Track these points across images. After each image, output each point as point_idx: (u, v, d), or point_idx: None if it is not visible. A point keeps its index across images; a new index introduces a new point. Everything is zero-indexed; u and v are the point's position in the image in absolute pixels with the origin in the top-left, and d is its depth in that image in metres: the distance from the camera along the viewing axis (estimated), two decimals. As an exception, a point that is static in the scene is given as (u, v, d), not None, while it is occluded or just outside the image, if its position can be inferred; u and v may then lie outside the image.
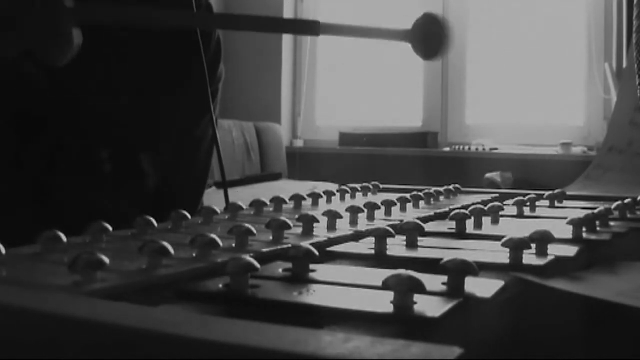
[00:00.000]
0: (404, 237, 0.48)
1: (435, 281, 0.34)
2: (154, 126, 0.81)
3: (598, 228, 0.56)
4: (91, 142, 0.76)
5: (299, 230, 0.51)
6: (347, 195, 0.82)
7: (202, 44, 0.82)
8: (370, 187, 0.89)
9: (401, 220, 0.52)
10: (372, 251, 0.46)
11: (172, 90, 0.82)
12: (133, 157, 0.79)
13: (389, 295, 0.30)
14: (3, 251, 0.38)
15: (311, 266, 0.38)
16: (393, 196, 0.69)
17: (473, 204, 0.66)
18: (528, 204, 0.72)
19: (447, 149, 2.99)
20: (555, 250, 0.45)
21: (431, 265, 0.35)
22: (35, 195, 0.73)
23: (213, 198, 0.92)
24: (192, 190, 0.89)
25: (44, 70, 0.67)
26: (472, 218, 0.59)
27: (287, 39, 3.27)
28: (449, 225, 0.57)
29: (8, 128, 0.71)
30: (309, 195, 0.74)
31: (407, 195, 0.71)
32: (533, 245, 0.44)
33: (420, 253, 0.46)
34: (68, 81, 0.63)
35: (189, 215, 0.54)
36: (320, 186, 1.67)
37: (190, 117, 0.85)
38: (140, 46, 0.77)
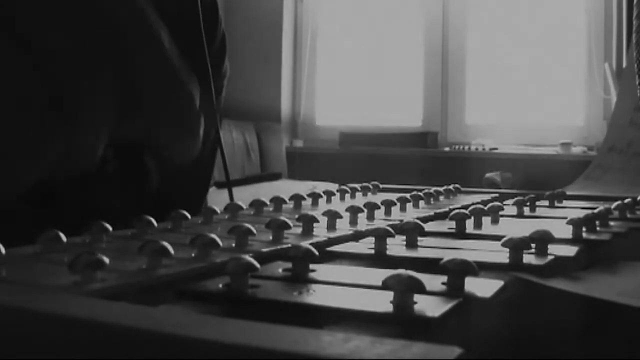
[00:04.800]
0: (404, 237, 0.48)
1: (435, 281, 0.34)
2: (157, 123, 0.79)
3: (598, 228, 0.56)
4: (95, 142, 0.75)
5: (299, 230, 0.51)
6: (347, 195, 0.81)
7: (207, 39, 0.81)
8: (370, 187, 0.89)
9: (401, 220, 0.52)
10: (372, 251, 0.45)
11: (174, 86, 0.80)
12: (137, 155, 0.77)
13: (389, 295, 0.30)
14: (3, 251, 0.38)
15: (311, 266, 0.38)
16: (393, 196, 0.69)
17: (473, 204, 0.65)
18: (528, 204, 0.72)
19: (447, 149, 2.99)
20: (555, 250, 0.45)
21: (431, 265, 0.35)
22: (37, 197, 0.72)
23: (213, 198, 0.92)
24: (196, 190, 0.88)
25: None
26: (472, 218, 0.58)
27: (287, 39, 3.27)
28: (449, 225, 0.57)
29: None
30: (309, 195, 0.74)
31: (407, 195, 0.71)
32: (533, 245, 0.44)
33: (420, 253, 0.46)
34: (71, 85, 0.63)
35: (189, 215, 0.54)
36: (320, 186, 1.67)
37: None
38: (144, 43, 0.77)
